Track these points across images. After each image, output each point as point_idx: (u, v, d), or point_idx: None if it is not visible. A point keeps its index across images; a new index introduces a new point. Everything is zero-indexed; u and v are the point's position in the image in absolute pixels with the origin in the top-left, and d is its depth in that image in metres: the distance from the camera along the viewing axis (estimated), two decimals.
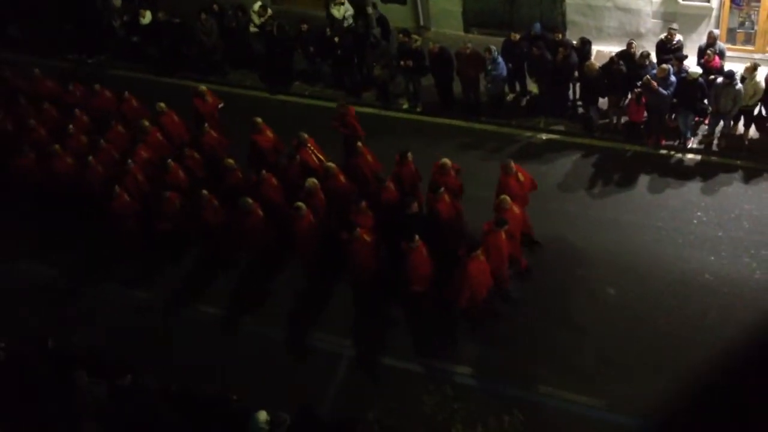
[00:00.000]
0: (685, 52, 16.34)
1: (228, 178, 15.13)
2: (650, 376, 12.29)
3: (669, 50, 16.18)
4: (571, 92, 17.41)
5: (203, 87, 17.42)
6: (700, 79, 15.26)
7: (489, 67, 16.85)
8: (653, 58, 16.10)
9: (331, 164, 14.63)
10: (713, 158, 15.97)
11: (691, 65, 15.94)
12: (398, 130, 17.79)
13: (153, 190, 15.40)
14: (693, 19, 17.48)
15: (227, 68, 20.26)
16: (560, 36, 16.98)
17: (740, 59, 16.86)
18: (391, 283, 13.67)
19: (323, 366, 13.33)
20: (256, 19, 19.62)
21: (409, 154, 14.51)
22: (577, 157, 16.55)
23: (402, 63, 17.59)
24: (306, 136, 15.30)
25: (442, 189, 13.60)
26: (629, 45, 16.22)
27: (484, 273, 12.54)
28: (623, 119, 16.69)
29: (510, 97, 18.08)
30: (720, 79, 15.18)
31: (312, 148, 15.45)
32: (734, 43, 17.60)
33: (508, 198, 12.98)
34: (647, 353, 12.58)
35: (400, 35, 17.88)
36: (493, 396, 12.45)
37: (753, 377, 11.92)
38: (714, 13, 17.27)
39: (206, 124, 16.50)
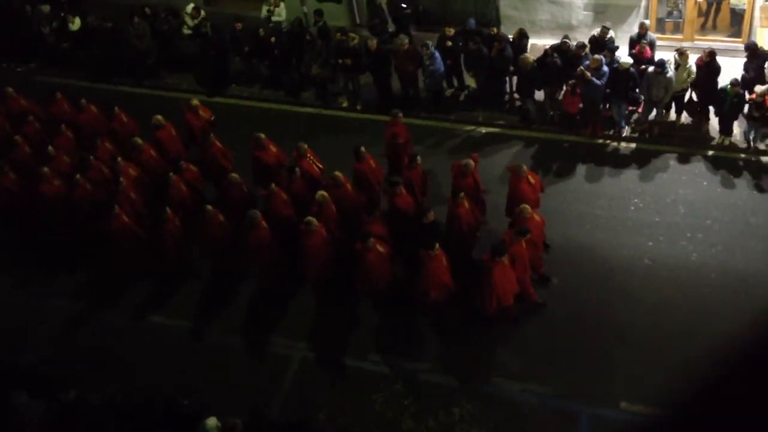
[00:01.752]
0: (616, 43, 16.68)
1: (232, 192, 14.58)
2: (595, 363, 12.50)
3: (602, 47, 16.48)
4: (507, 85, 17.62)
5: (195, 101, 16.80)
6: (632, 69, 15.61)
7: (426, 63, 16.95)
8: (588, 50, 16.39)
9: (338, 173, 14.07)
10: (647, 145, 16.35)
11: (623, 56, 16.27)
12: (339, 129, 17.77)
13: (149, 208, 14.84)
14: (623, 11, 17.87)
15: (162, 72, 19.96)
16: (495, 30, 17.17)
17: (670, 48, 17.29)
18: (406, 292, 13.30)
19: (274, 368, 13.22)
20: (190, 21, 19.40)
21: (418, 158, 14.25)
22: (517, 149, 16.78)
23: (340, 62, 17.56)
24: (306, 146, 14.84)
25: (462, 194, 13.26)
26: (563, 42, 16.49)
27: (510, 279, 12.29)
28: (559, 111, 16.96)
29: (448, 92, 18.22)
30: (651, 68, 15.53)
31: (312, 158, 15.01)
32: (663, 33, 18.07)
33: (528, 207, 12.74)
34: (591, 340, 12.80)
35: (338, 34, 17.86)
36: (443, 390, 12.51)
37: (693, 359, 12.22)
38: (643, 4, 17.68)
39: (212, 135, 15.69)
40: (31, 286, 15.30)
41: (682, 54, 15.53)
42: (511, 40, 17.03)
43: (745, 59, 15.75)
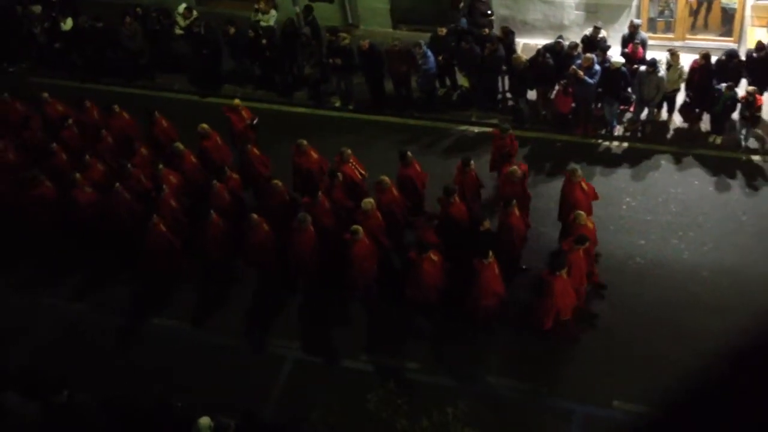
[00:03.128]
0: (608, 42, 16.73)
1: (275, 199, 14.28)
2: (587, 361, 12.55)
3: (594, 47, 16.52)
4: (500, 85, 17.65)
5: (237, 101, 16.62)
6: (623, 68, 15.65)
7: (419, 63, 16.96)
8: (580, 50, 16.43)
9: (384, 177, 13.78)
10: (639, 145, 16.40)
11: (614, 55, 16.32)
12: (332, 129, 17.76)
13: (188, 216, 14.68)
14: (614, 10, 17.91)
15: (154, 72, 19.92)
16: (486, 31, 17.19)
17: (661, 47, 17.36)
18: (457, 301, 13.09)
19: (267, 369, 13.22)
20: (181, 21, 19.38)
21: (472, 162, 14.01)
22: None
23: (331, 61, 17.56)
24: (349, 151, 14.64)
25: (514, 202, 13.05)
26: (557, 42, 16.52)
27: (569, 292, 12.16)
28: (551, 110, 16.99)
29: (441, 91, 18.23)
30: (643, 68, 15.58)
31: (354, 163, 14.76)
32: (655, 32, 18.13)
33: (583, 214, 12.64)
34: (583, 339, 12.83)
35: (328, 34, 17.86)
36: (437, 389, 12.52)
37: (685, 357, 12.27)
38: (634, 3, 17.72)
39: (249, 144, 15.43)
40: (27, 287, 15.20)
41: (673, 54, 15.60)
42: (499, 37, 17.05)
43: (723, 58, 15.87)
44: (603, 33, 16.63)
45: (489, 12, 17.89)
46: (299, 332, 13.77)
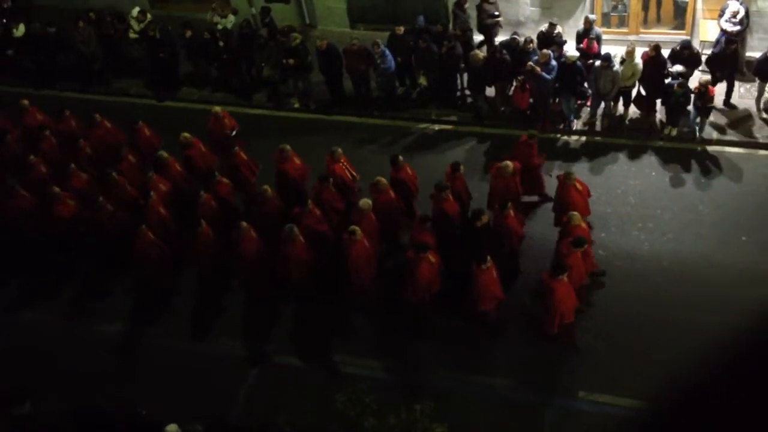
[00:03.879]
0: (563, 38, 16.90)
1: (265, 206, 14.01)
2: (552, 354, 12.66)
3: (550, 43, 16.68)
4: (459, 82, 17.74)
5: (218, 108, 16.27)
6: (578, 63, 15.83)
7: (378, 62, 16.97)
8: (535, 44, 16.59)
9: (381, 179, 13.63)
10: (597, 138, 16.61)
11: (570, 50, 16.49)
12: (292, 130, 17.67)
13: (177, 224, 14.37)
14: (569, 6, 18.10)
15: (109, 77, 19.67)
16: (443, 28, 17.27)
17: (616, 42, 17.60)
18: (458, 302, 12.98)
19: (234, 372, 13.12)
20: (136, 25, 19.16)
21: (461, 167, 13.92)
22: (470, 145, 16.90)
23: (284, 62, 17.48)
24: (340, 151, 14.51)
25: (510, 204, 12.92)
26: (513, 39, 16.65)
27: (571, 295, 12.09)
28: (510, 106, 17.12)
29: (400, 90, 18.27)
30: (598, 62, 15.78)
31: (345, 164, 14.61)
32: (609, 27, 18.37)
33: (577, 214, 12.59)
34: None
35: (278, 35, 17.81)
36: (405, 387, 12.56)
37: (649, 347, 12.45)
38: None
39: (236, 147, 15.21)
40: None
41: (628, 52, 15.72)
42: (457, 35, 17.13)
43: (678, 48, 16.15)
44: (558, 29, 16.80)
45: (496, 14, 17.64)
46: (265, 334, 13.69)
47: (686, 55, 15.84)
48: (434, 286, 12.71)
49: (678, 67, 15.57)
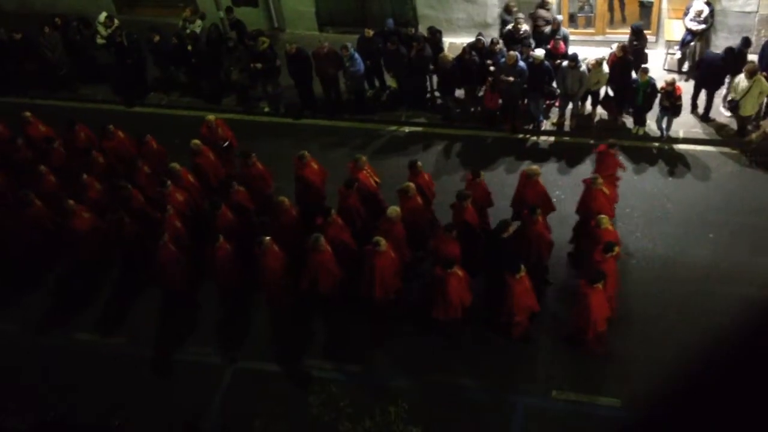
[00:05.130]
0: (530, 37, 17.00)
1: (283, 218, 13.58)
2: (526, 353, 12.76)
3: (517, 40, 16.79)
4: (428, 84, 17.79)
5: (212, 116, 15.83)
6: (546, 63, 15.95)
7: (347, 65, 16.97)
8: (502, 45, 16.69)
9: (410, 184, 13.27)
10: (566, 138, 16.74)
11: (536, 50, 16.59)
12: (262, 134, 17.62)
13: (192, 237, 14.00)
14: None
15: (76, 83, 19.46)
16: (413, 31, 17.31)
17: (583, 42, 17.76)
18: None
19: (207, 380, 13.04)
20: (103, 31, 18.94)
21: (482, 173, 13.68)
22: (441, 147, 16.95)
23: (251, 66, 17.41)
24: (364, 158, 14.21)
25: (539, 210, 12.64)
26: (478, 40, 16.72)
27: (604, 304, 11.84)
28: (479, 107, 17.20)
29: (370, 93, 18.28)
30: (565, 63, 15.91)
31: (369, 170, 14.26)
32: (576, 27, 18.53)
33: (605, 217, 12.37)
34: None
35: (246, 39, 17.74)
36: (379, 389, 12.57)
37: (620, 345, 12.57)
38: (555, 0, 18.03)
39: (253, 156, 14.61)
40: None
41: (594, 64, 15.75)
42: (426, 37, 17.17)
43: (628, 39, 16.38)
44: (525, 27, 16.90)
45: (555, 19, 17.18)
46: (236, 341, 13.62)
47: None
48: (465, 300, 12.46)
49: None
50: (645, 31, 17.72)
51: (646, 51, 16.72)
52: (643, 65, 15.83)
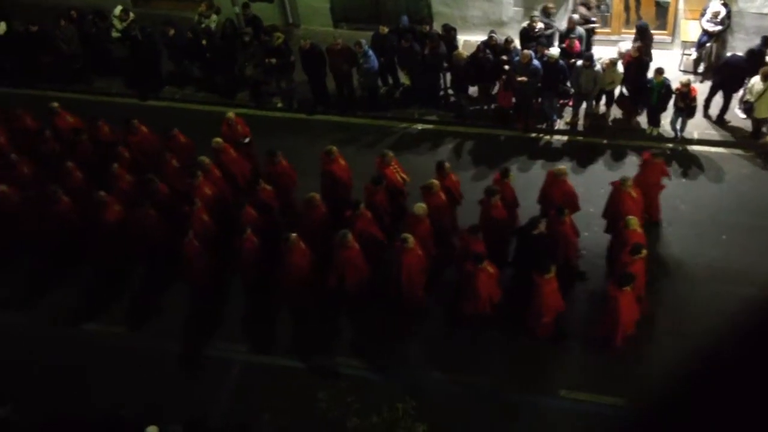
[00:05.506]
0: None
1: (312, 213, 13.53)
2: (532, 354, 12.72)
3: (532, 38, 16.75)
4: (442, 82, 17.76)
5: (231, 113, 15.77)
6: (561, 62, 15.89)
7: (361, 61, 16.97)
8: (517, 43, 16.65)
9: (434, 181, 13.25)
10: (579, 138, 16.68)
11: (551, 48, 16.55)
12: (275, 129, 17.65)
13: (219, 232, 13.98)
14: (552, 5, 18.11)
15: (91, 76, 19.55)
16: (428, 28, 17.29)
17: (598, 42, 17.68)
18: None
19: (215, 373, 13.09)
20: (118, 24, 19.03)
21: (510, 172, 13.66)
22: (453, 145, 16.93)
23: (266, 61, 17.44)
24: (391, 154, 14.16)
25: (567, 210, 12.62)
26: (490, 37, 16.69)
27: (634, 307, 11.81)
28: (493, 105, 17.16)
29: (383, 89, 18.27)
30: (580, 62, 15.84)
31: (396, 167, 14.24)
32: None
33: (635, 218, 12.26)
34: (521, 332, 12.96)
35: (261, 34, 17.77)
36: (387, 386, 12.57)
37: (632, 347, 12.52)
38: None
39: (279, 153, 14.55)
40: None
41: (608, 64, 15.71)
42: (441, 35, 17.15)
43: (633, 38, 16.34)
44: (540, 24, 16.85)
45: (593, 20, 17.17)
46: (246, 335, 13.66)
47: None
48: (494, 296, 12.45)
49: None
50: (661, 32, 17.67)
51: (657, 50, 16.67)
52: (657, 66, 15.71)
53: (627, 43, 16.49)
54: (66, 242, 14.74)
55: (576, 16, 17.16)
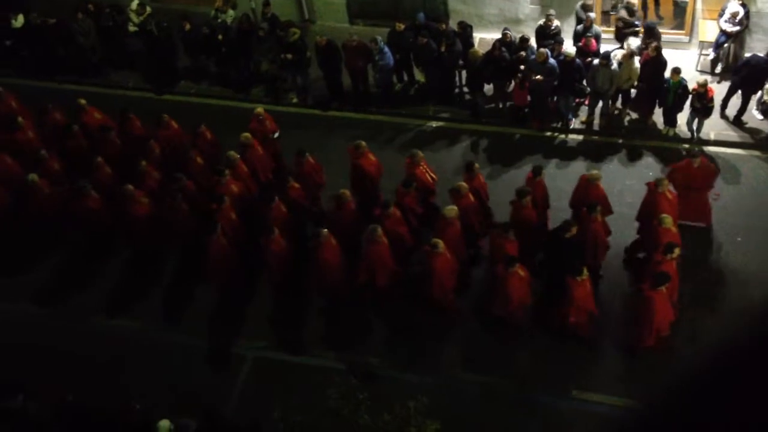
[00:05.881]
0: (561, 35, 16.87)
1: (343, 209, 13.54)
2: (545, 352, 12.70)
3: (548, 35, 16.69)
4: (457, 79, 17.72)
5: (260, 109, 15.83)
6: (577, 61, 15.82)
7: (376, 58, 16.95)
8: (533, 42, 16.59)
9: (462, 183, 13.24)
10: (595, 137, 16.61)
11: (567, 46, 16.48)
12: (290, 125, 17.63)
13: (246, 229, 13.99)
14: (568, 4, 18.03)
15: (107, 70, 19.62)
16: (444, 25, 17.25)
17: (611, 41, 17.56)
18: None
19: (227, 368, 13.13)
20: (135, 18, 19.09)
21: (543, 171, 13.66)
22: (467, 142, 16.90)
23: (282, 57, 17.45)
24: (420, 153, 14.18)
25: (599, 208, 12.55)
26: (505, 34, 16.62)
27: (667, 307, 11.68)
28: (508, 103, 17.11)
29: (398, 86, 18.25)
30: (596, 61, 15.77)
31: (425, 167, 14.26)
32: (609, 26, 18.30)
33: (669, 217, 12.11)
34: (543, 332, 12.95)
35: (277, 30, 17.77)
36: (398, 383, 12.56)
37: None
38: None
39: (306, 154, 14.63)
40: None
41: (626, 55, 15.67)
42: (457, 32, 17.11)
43: (641, 38, 16.28)
44: (556, 22, 16.77)
45: (636, 22, 16.87)
46: (258, 331, 13.71)
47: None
48: (525, 299, 12.42)
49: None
50: (678, 32, 17.57)
51: (674, 50, 16.62)
52: (674, 66, 15.60)
53: (636, 40, 16.37)
54: (96, 237, 14.85)
55: (592, 15, 17.07)
